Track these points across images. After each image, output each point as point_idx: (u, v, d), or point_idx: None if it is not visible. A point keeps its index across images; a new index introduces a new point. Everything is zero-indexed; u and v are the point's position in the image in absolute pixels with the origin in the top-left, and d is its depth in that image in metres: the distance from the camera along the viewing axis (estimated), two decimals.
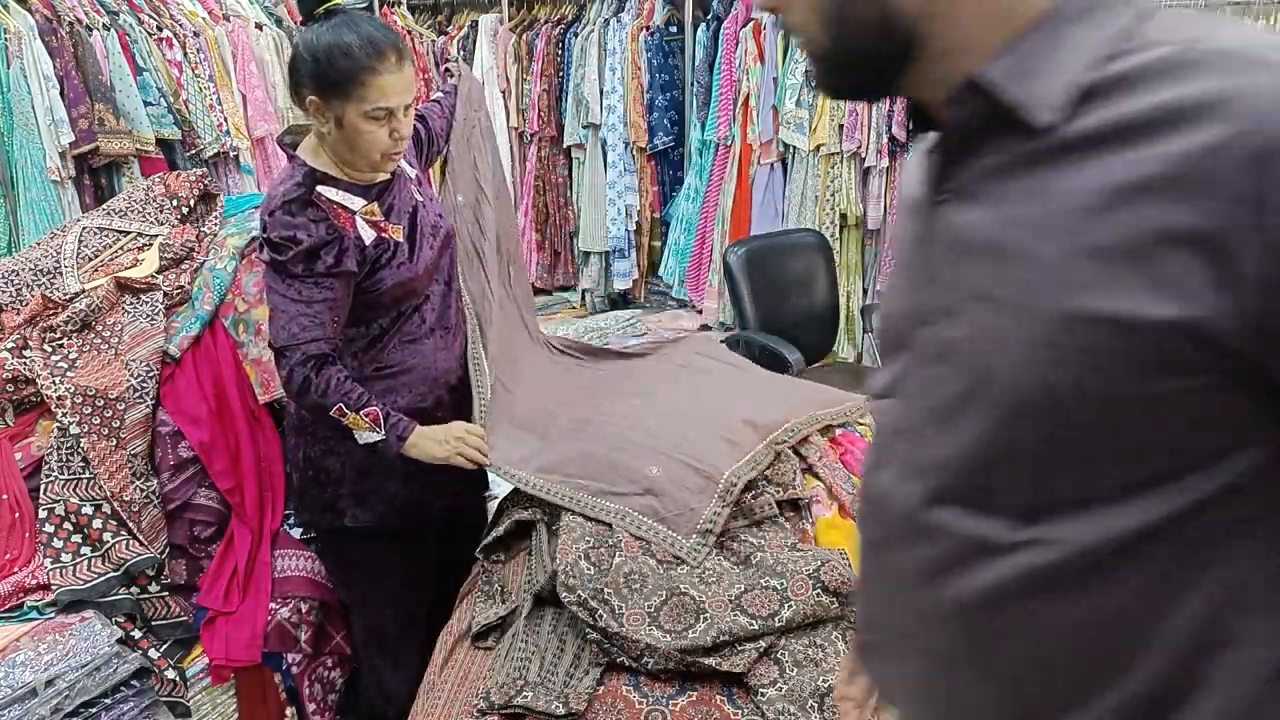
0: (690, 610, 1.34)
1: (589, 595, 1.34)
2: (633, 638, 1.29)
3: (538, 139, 4.48)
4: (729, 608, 1.35)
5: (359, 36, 1.46)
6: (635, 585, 1.38)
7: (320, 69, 1.47)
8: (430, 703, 1.32)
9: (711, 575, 1.43)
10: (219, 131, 3.66)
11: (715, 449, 1.63)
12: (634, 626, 1.31)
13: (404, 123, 1.53)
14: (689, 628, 1.32)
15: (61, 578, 1.64)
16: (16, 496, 1.72)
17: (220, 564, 1.87)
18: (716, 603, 1.36)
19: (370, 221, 1.59)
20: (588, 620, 1.33)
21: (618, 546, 1.43)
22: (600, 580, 1.37)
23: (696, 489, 1.55)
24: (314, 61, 1.47)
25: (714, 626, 1.31)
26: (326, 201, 1.55)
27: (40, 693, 1.45)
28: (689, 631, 1.31)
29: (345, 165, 1.59)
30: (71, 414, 1.72)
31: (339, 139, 1.54)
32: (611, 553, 1.42)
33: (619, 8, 4.23)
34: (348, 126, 1.50)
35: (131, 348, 1.89)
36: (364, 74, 1.46)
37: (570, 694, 1.24)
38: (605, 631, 1.31)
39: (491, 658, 1.36)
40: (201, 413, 1.90)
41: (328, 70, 1.46)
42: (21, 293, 1.98)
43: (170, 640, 1.74)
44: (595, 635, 1.32)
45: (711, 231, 4.05)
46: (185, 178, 2.27)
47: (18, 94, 3.14)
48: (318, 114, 1.52)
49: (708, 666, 1.26)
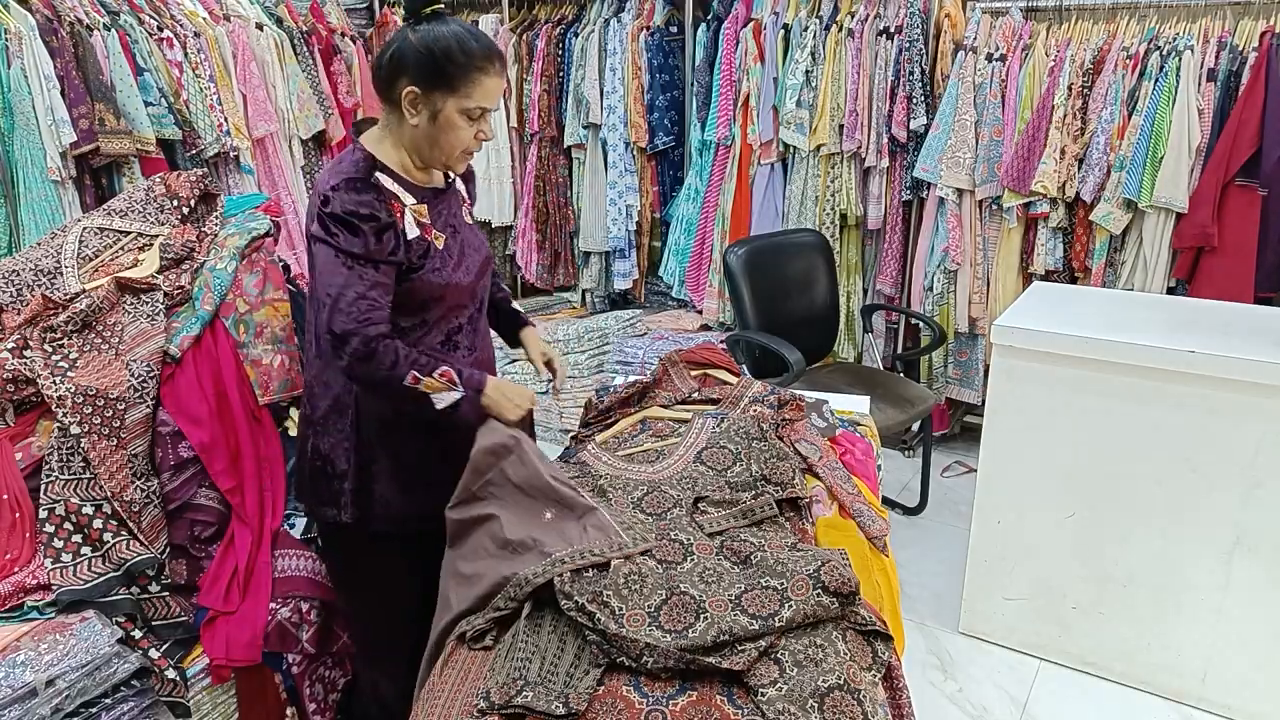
0: (690, 609, 1.35)
1: (586, 600, 1.34)
2: (632, 638, 1.29)
3: (538, 139, 4.48)
4: (729, 607, 1.35)
5: (477, 40, 1.56)
6: (635, 585, 1.38)
7: (434, 62, 1.54)
8: (430, 703, 1.32)
9: (711, 575, 1.43)
10: (219, 132, 3.65)
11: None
12: (634, 627, 1.31)
13: (489, 128, 1.63)
14: (689, 627, 1.32)
15: (62, 578, 1.64)
16: (17, 496, 1.72)
17: (220, 564, 1.87)
18: (716, 602, 1.36)
19: (417, 220, 1.62)
20: (586, 624, 1.33)
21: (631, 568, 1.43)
22: (599, 583, 1.37)
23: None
24: (428, 54, 1.54)
25: (714, 626, 1.31)
26: (383, 188, 1.60)
27: (40, 693, 1.45)
28: (689, 631, 1.31)
29: (419, 159, 1.65)
30: (72, 414, 1.72)
31: (426, 132, 1.59)
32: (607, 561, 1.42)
33: (619, 8, 4.23)
34: (442, 120, 1.57)
35: (132, 348, 1.89)
36: (476, 73, 1.55)
37: (570, 694, 1.24)
38: (604, 633, 1.31)
39: (491, 658, 1.36)
40: (202, 413, 1.90)
41: (443, 64, 1.54)
42: (22, 293, 1.98)
43: (170, 640, 1.74)
44: (594, 637, 1.32)
45: (711, 231, 4.05)
46: (186, 178, 2.27)
47: (18, 94, 3.14)
48: (411, 105, 1.57)
49: (708, 664, 1.26)
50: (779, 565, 1.42)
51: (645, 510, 1.62)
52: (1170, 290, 3.19)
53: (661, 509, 1.61)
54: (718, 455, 1.77)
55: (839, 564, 1.39)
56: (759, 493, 1.64)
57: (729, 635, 1.30)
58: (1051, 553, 2.46)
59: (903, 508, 3.34)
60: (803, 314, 3.32)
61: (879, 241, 3.78)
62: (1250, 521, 2.19)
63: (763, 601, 1.35)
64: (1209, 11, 3.11)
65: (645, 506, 1.63)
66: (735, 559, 1.48)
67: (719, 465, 1.74)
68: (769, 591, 1.37)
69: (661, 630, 1.32)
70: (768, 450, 1.75)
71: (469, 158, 1.67)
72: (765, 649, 1.30)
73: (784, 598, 1.35)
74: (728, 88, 3.87)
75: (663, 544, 1.51)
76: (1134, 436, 2.28)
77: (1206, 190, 3.00)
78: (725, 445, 1.78)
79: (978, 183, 3.38)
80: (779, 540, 1.53)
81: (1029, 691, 2.43)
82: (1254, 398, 2.12)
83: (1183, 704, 2.37)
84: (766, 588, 1.38)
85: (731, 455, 1.76)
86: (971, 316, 3.53)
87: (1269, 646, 2.24)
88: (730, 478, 1.70)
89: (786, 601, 1.34)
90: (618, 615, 1.33)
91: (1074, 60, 3.18)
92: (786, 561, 1.42)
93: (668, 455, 1.80)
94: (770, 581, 1.39)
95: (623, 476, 1.73)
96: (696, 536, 1.54)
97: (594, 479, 1.70)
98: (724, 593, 1.38)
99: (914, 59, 3.44)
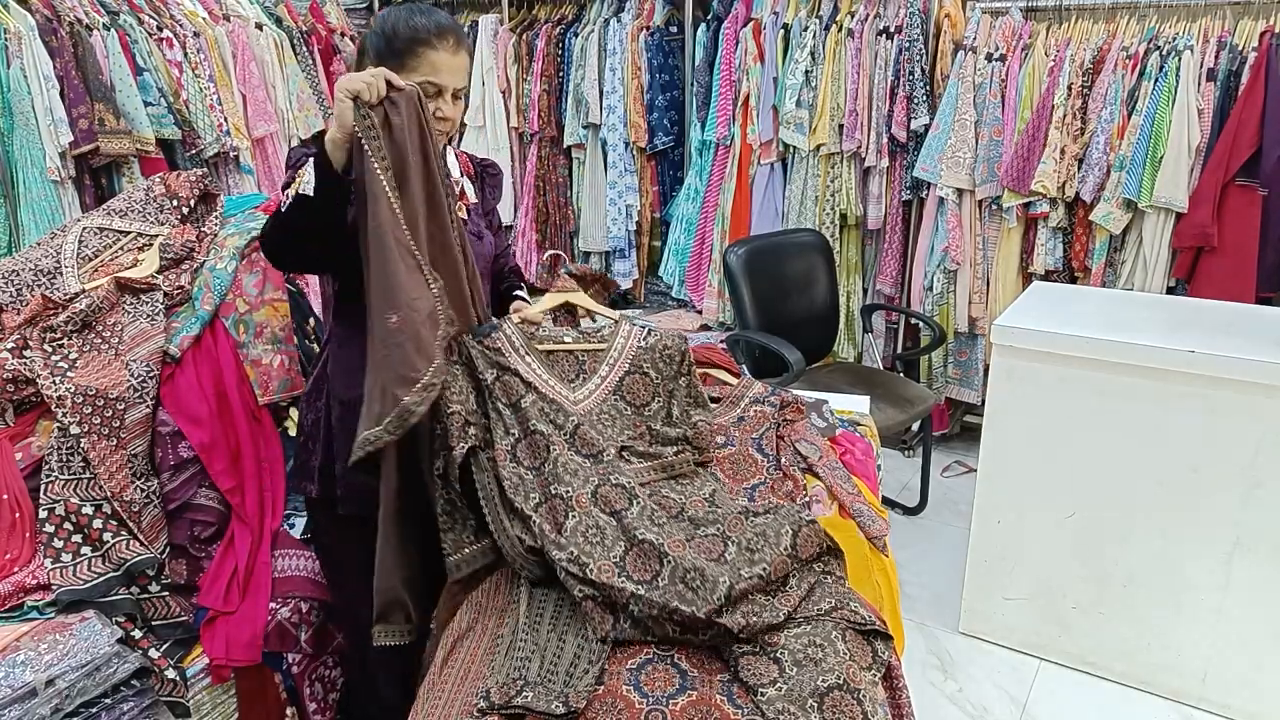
0: (653, 556, 1.39)
1: (565, 558, 1.40)
2: (619, 586, 1.35)
3: (538, 139, 4.48)
4: (685, 547, 1.42)
5: (426, 17, 1.60)
6: (595, 539, 1.43)
7: (383, 39, 1.59)
8: (430, 703, 1.32)
9: (660, 517, 1.50)
10: (219, 132, 3.66)
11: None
12: (607, 580, 1.37)
13: (450, 106, 1.63)
14: (656, 575, 1.37)
15: (62, 578, 1.64)
16: (16, 496, 1.72)
17: (220, 564, 1.87)
18: (674, 543, 1.42)
19: None
20: (577, 574, 1.38)
21: (570, 503, 1.47)
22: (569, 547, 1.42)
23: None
24: (379, 33, 1.61)
25: (678, 569, 1.36)
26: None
27: (40, 693, 1.45)
28: (657, 579, 1.36)
29: None
30: (71, 414, 1.72)
31: None
32: (565, 512, 1.46)
33: (619, 8, 4.23)
34: None
35: (131, 348, 1.89)
36: (422, 47, 1.58)
37: (570, 693, 1.24)
38: (595, 583, 1.37)
39: (492, 657, 1.36)
40: (202, 413, 1.90)
41: (391, 40, 1.59)
42: (21, 293, 1.98)
43: (170, 640, 1.74)
44: (588, 589, 1.37)
45: (711, 231, 4.05)
46: (185, 178, 2.27)
47: (18, 94, 3.14)
48: None
49: (688, 614, 1.30)
50: (709, 515, 1.52)
51: (580, 452, 1.60)
52: (1170, 290, 3.19)
53: (595, 450, 1.60)
54: (639, 385, 1.75)
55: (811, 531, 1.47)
56: (680, 450, 1.69)
57: (694, 573, 1.35)
58: (1051, 553, 2.46)
59: (903, 508, 3.34)
60: (803, 314, 3.32)
61: (879, 241, 3.78)
62: (1250, 521, 2.19)
63: (709, 547, 1.44)
64: (1209, 11, 3.11)
65: (579, 446, 1.61)
66: (667, 515, 1.53)
67: (638, 400, 1.74)
68: (710, 538, 1.46)
69: (633, 582, 1.37)
70: (688, 394, 1.77)
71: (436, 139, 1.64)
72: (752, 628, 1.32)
73: (725, 538, 1.45)
74: (727, 88, 3.87)
75: (606, 489, 1.51)
76: (1134, 436, 2.28)
77: (1206, 190, 3.00)
78: (648, 371, 1.76)
79: (978, 182, 3.39)
80: (699, 495, 1.62)
81: (1029, 691, 2.43)
82: (1254, 398, 2.12)
83: (1183, 704, 2.37)
84: (706, 535, 1.46)
85: (652, 387, 1.75)
86: (971, 316, 3.53)
87: (1269, 646, 2.24)
88: (647, 415, 1.72)
89: (729, 540, 1.44)
90: (590, 571, 1.38)
91: (1074, 60, 3.18)
92: (711, 510, 1.54)
93: (588, 374, 1.75)
94: (708, 530, 1.48)
95: (550, 400, 1.66)
96: (634, 480, 1.56)
97: (518, 393, 1.63)
98: (677, 534, 1.45)
99: (914, 59, 3.45)
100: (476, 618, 1.46)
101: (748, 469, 1.76)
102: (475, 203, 1.84)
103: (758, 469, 1.77)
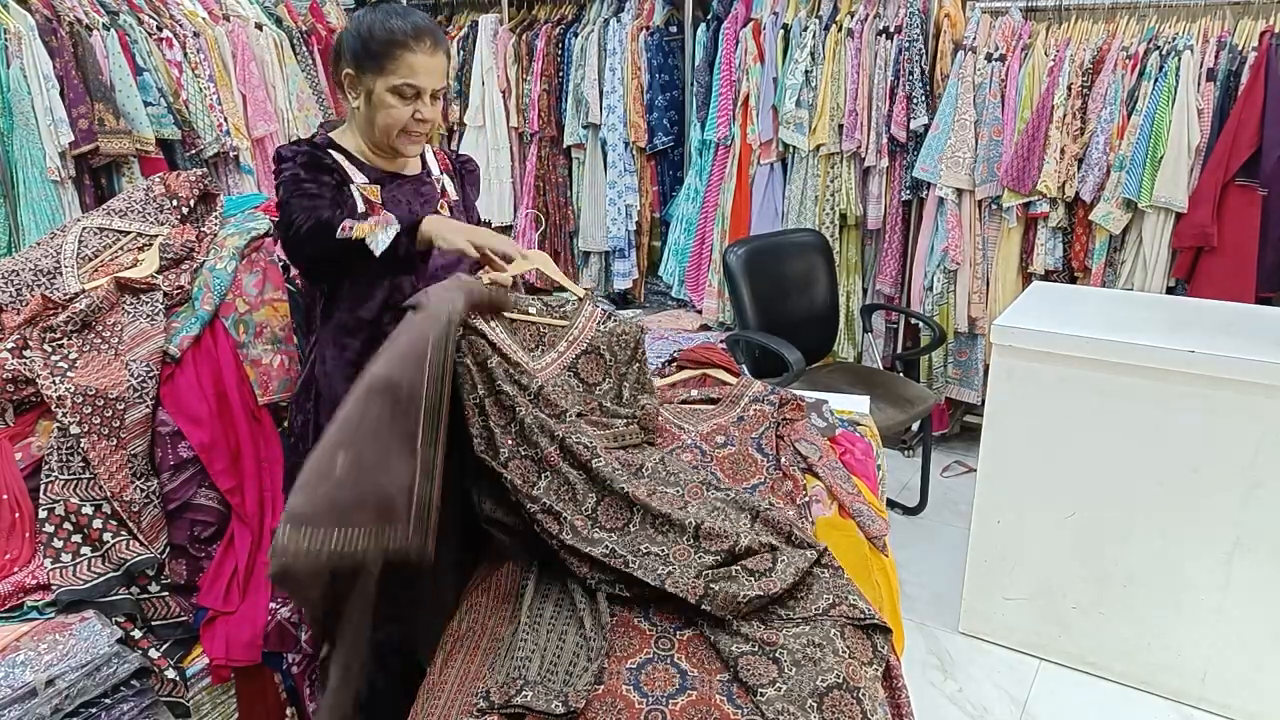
0: (624, 505, 1.47)
1: (539, 510, 1.45)
2: (585, 551, 1.41)
3: (538, 139, 4.48)
4: (650, 495, 1.47)
5: (402, 19, 1.60)
6: (566, 496, 1.48)
7: (360, 42, 1.60)
8: (430, 703, 1.32)
9: (623, 474, 1.52)
10: (219, 132, 3.65)
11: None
12: (584, 531, 1.43)
13: (429, 108, 1.63)
14: (628, 522, 1.45)
15: (61, 578, 1.64)
16: (16, 496, 1.72)
17: (220, 564, 1.87)
18: (639, 491, 1.47)
19: (365, 198, 1.66)
20: (552, 529, 1.44)
21: (541, 462, 1.51)
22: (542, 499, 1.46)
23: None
24: (355, 35, 1.61)
25: (647, 515, 1.44)
26: (333, 160, 1.65)
27: (40, 693, 1.45)
28: (629, 525, 1.45)
29: (369, 143, 1.68)
30: (71, 414, 1.72)
31: (366, 114, 1.64)
32: (539, 473, 1.50)
33: (619, 8, 4.23)
34: (375, 100, 1.61)
35: (131, 348, 1.89)
36: (399, 49, 1.58)
37: (570, 692, 1.25)
38: (564, 544, 1.42)
39: (492, 657, 1.36)
40: (202, 413, 1.90)
41: (368, 42, 1.59)
42: (21, 293, 1.98)
43: (170, 640, 1.74)
44: (554, 544, 1.43)
45: (711, 231, 4.05)
46: (185, 178, 2.27)
47: (18, 94, 3.14)
48: (351, 88, 1.64)
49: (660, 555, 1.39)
50: (670, 476, 1.57)
51: (545, 412, 1.60)
52: (1170, 290, 3.19)
53: (558, 411, 1.61)
54: (593, 365, 1.75)
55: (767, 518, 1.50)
56: (629, 421, 1.71)
57: (662, 518, 1.43)
58: (1051, 553, 2.46)
59: (903, 508, 3.34)
60: (803, 314, 3.32)
61: (879, 241, 3.78)
62: (1250, 521, 2.19)
63: (670, 500, 1.49)
64: (1208, 11, 3.11)
65: (542, 406, 1.60)
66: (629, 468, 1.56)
67: (591, 379, 1.74)
68: (670, 494, 1.51)
69: (605, 531, 1.43)
70: (638, 380, 1.77)
71: (414, 140, 1.67)
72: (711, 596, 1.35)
73: (684, 500, 1.49)
74: (727, 88, 3.87)
75: (571, 443, 1.53)
76: (1134, 436, 2.28)
77: (1206, 190, 3.00)
78: (604, 353, 1.76)
79: (977, 182, 3.39)
80: (650, 460, 1.64)
81: (1029, 691, 2.43)
82: (1254, 398, 2.12)
83: (1183, 704, 2.37)
84: (665, 492, 1.51)
85: (605, 368, 1.75)
86: (971, 316, 3.54)
87: (1269, 646, 2.24)
88: (597, 394, 1.72)
89: (687, 504, 1.48)
90: (567, 522, 1.44)
91: (1073, 60, 3.18)
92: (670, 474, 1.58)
93: (547, 347, 1.74)
94: (667, 490, 1.51)
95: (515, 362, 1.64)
96: (595, 440, 1.58)
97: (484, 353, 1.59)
98: (642, 489, 1.49)
99: (914, 59, 3.45)
100: (477, 618, 1.46)
101: (748, 469, 1.76)
102: (456, 199, 1.85)
103: (758, 469, 1.77)
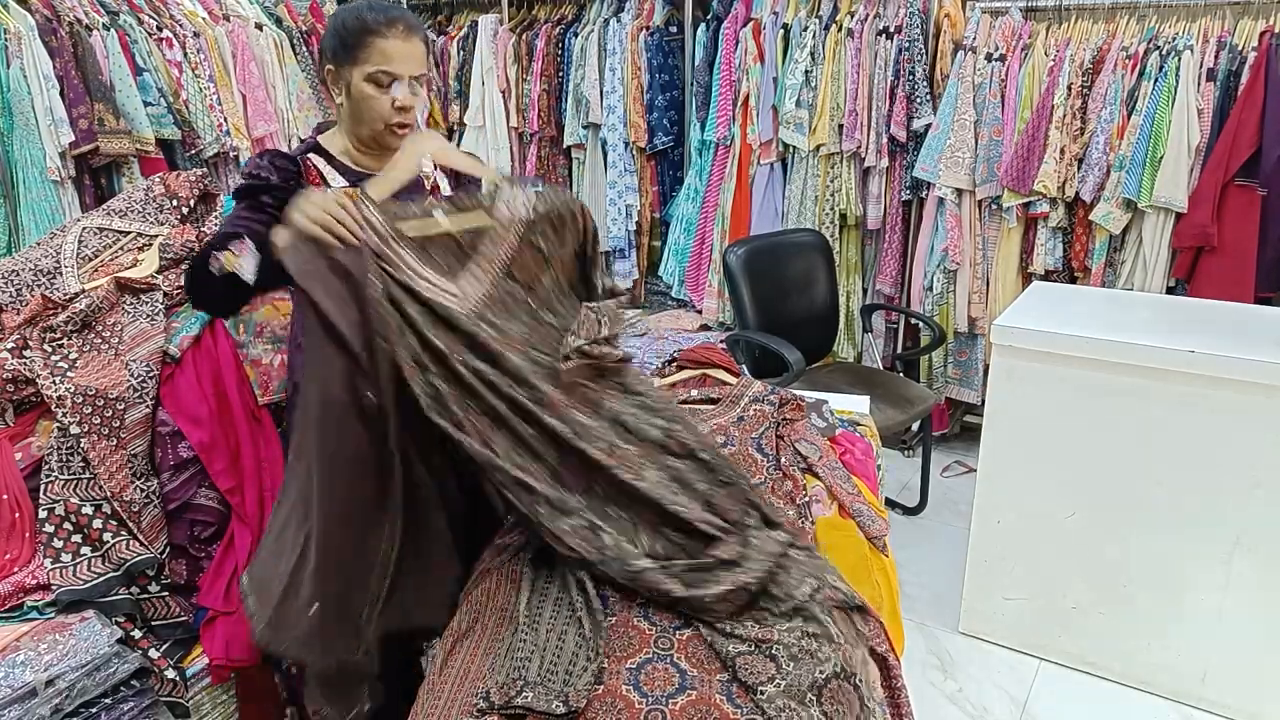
0: (587, 465, 1.43)
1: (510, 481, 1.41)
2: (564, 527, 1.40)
3: (538, 139, 4.48)
4: (608, 454, 1.44)
5: (375, 11, 1.58)
6: (525, 456, 1.42)
7: (334, 35, 1.60)
8: (430, 703, 1.32)
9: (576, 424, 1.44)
10: (219, 132, 3.66)
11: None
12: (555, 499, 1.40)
13: (407, 95, 1.60)
14: (593, 484, 1.43)
15: (61, 578, 1.64)
16: (16, 496, 1.72)
17: (220, 564, 1.87)
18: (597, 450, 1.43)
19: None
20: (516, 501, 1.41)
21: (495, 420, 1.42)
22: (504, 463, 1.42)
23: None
24: (331, 29, 1.61)
25: (605, 474, 1.42)
26: (309, 165, 1.63)
27: (40, 693, 1.45)
28: (595, 486, 1.43)
29: (357, 141, 1.67)
30: (71, 414, 1.72)
31: (349, 109, 1.63)
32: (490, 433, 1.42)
33: (619, 8, 4.23)
34: (354, 92, 1.60)
35: (131, 348, 1.89)
36: (371, 36, 1.56)
37: (570, 693, 1.25)
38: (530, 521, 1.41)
39: (492, 657, 1.36)
40: (202, 413, 1.90)
41: (342, 34, 1.58)
42: (21, 293, 1.98)
43: (170, 640, 1.74)
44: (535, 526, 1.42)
45: (711, 231, 4.05)
46: (185, 178, 2.27)
47: (18, 94, 3.14)
48: (333, 84, 1.63)
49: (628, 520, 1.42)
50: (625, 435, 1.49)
51: (483, 359, 1.44)
52: (1170, 290, 3.19)
53: (492, 356, 1.43)
54: (529, 260, 1.52)
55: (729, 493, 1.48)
56: (565, 356, 1.48)
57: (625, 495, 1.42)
58: (1051, 553, 2.46)
59: (903, 508, 3.34)
60: (802, 314, 3.32)
61: (879, 241, 3.78)
62: (1250, 521, 2.19)
63: (627, 462, 1.45)
64: (1208, 11, 3.11)
65: (479, 353, 1.43)
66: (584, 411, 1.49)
67: (528, 277, 1.52)
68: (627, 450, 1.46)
69: (568, 491, 1.42)
70: (584, 273, 1.61)
71: (399, 132, 1.62)
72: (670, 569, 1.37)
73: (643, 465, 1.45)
74: (727, 87, 3.87)
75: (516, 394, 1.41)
76: (1134, 436, 2.28)
77: (1206, 190, 3.00)
78: (539, 243, 1.52)
79: (977, 182, 3.39)
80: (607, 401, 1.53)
81: (1029, 691, 2.43)
82: (1254, 398, 2.12)
83: (1183, 704, 2.37)
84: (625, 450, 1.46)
85: (542, 261, 1.54)
86: (971, 316, 3.53)
87: (1269, 646, 2.24)
88: (540, 298, 1.53)
89: (644, 466, 1.45)
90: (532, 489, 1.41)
91: (1073, 60, 3.18)
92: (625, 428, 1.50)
93: (470, 255, 1.48)
94: (625, 449, 1.46)
95: (432, 305, 1.41)
96: (542, 380, 1.45)
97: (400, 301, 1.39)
98: (596, 441, 1.44)
99: (914, 59, 3.45)
100: (476, 618, 1.46)
101: (748, 469, 1.76)
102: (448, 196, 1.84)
103: (758, 469, 1.77)
